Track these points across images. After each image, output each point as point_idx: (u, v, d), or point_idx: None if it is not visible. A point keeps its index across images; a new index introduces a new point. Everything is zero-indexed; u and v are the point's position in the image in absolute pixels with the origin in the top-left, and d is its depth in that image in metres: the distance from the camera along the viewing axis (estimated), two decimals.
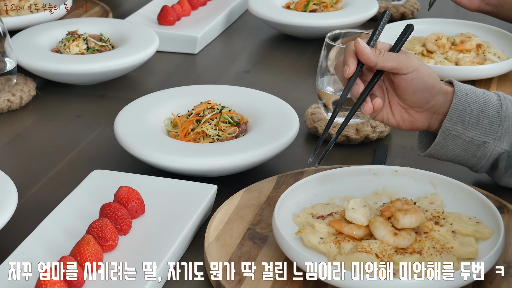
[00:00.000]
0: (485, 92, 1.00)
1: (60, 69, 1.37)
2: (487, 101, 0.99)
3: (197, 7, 1.76)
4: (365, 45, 0.95)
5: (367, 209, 0.91)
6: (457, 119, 0.98)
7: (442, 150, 1.01)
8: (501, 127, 0.98)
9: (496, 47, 1.50)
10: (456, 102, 0.98)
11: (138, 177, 1.04)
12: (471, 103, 0.98)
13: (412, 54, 0.98)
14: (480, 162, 1.01)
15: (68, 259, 0.83)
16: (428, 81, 0.97)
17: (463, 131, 0.99)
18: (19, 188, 0.99)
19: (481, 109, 0.98)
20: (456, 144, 1.00)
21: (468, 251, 0.87)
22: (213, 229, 0.94)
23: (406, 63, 0.95)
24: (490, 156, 1.00)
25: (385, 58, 0.95)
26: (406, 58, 0.96)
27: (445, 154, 1.01)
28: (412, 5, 1.83)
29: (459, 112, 0.98)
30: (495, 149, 0.99)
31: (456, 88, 0.99)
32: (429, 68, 0.98)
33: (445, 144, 1.00)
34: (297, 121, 1.15)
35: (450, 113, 0.98)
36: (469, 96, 0.99)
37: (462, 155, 1.01)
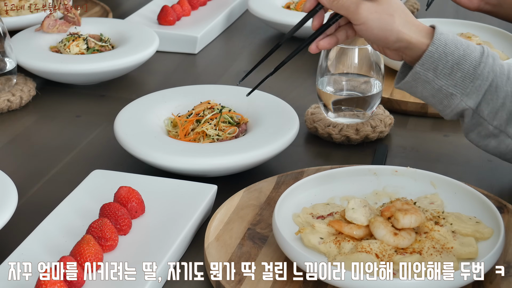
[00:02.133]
0: (469, 45, 1.00)
1: (60, 69, 1.37)
2: (467, 55, 0.98)
3: (197, 7, 1.76)
4: None
5: (367, 209, 0.91)
6: (429, 65, 0.98)
7: (412, 89, 1.02)
8: (472, 84, 0.98)
9: (496, 47, 1.50)
10: (432, 49, 0.98)
11: (138, 177, 1.04)
12: (448, 54, 0.98)
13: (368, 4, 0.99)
14: (445, 111, 1.01)
15: (68, 259, 0.83)
16: (378, 34, 0.99)
17: (434, 78, 0.99)
18: (19, 188, 0.99)
19: (458, 61, 0.98)
20: (425, 87, 1.00)
21: (468, 251, 0.87)
22: (213, 229, 0.94)
23: (354, 15, 0.99)
24: (455, 109, 1.00)
25: (338, 5, 0.99)
26: (356, 9, 0.98)
27: (414, 93, 1.02)
28: (412, 5, 1.83)
29: (433, 59, 0.98)
30: (460, 103, 0.99)
31: (435, 36, 0.98)
32: (384, 19, 0.98)
33: (414, 85, 1.01)
34: (297, 121, 1.15)
35: (423, 59, 0.98)
36: (448, 46, 0.98)
37: (429, 98, 1.01)
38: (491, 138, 1.00)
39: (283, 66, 1.07)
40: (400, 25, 0.98)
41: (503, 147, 1.00)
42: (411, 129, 1.27)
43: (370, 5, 0.98)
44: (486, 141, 1.01)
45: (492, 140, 1.00)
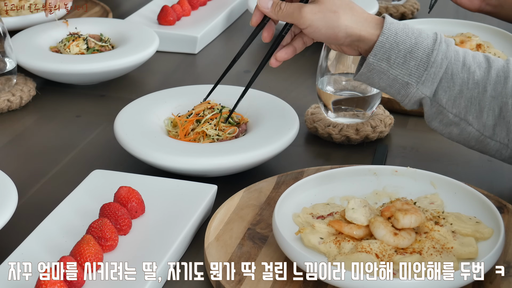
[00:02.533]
0: (421, 33, 1.00)
1: (60, 69, 1.37)
2: (419, 43, 0.98)
3: (197, 7, 1.76)
4: (267, 1, 1.03)
5: (367, 209, 0.91)
6: (382, 56, 0.98)
7: (369, 81, 1.02)
8: (426, 72, 0.98)
9: (496, 47, 1.50)
10: (382, 39, 0.98)
11: (138, 177, 1.04)
12: (400, 43, 0.98)
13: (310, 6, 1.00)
14: (404, 100, 1.01)
15: (68, 259, 0.83)
16: (327, 33, 1.00)
17: (388, 68, 0.99)
18: (19, 188, 0.99)
19: (410, 50, 0.98)
20: (381, 78, 1.00)
21: (468, 251, 0.87)
22: (213, 229, 0.94)
23: (299, 20, 1.00)
24: (412, 98, 1.00)
25: (282, 14, 1.02)
26: (299, 13, 1.00)
27: (372, 84, 1.02)
28: (412, 5, 1.83)
29: (385, 49, 0.98)
30: (416, 92, 0.99)
31: (385, 26, 0.98)
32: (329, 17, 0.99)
33: (370, 76, 1.01)
34: (297, 121, 1.15)
35: (375, 49, 0.98)
36: (399, 35, 0.98)
37: (387, 89, 1.01)
38: (453, 126, 1.00)
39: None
40: (346, 20, 0.99)
41: (465, 135, 1.00)
42: (411, 129, 1.27)
43: (313, 6, 0.99)
44: (449, 129, 1.01)
45: (454, 128, 1.00)
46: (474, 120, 0.98)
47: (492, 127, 0.98)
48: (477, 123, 0.98)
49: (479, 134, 0.99)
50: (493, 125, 0.98)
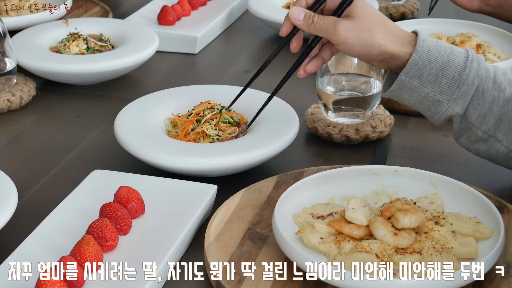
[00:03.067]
0: (453, 50, 0.99)
1: (60, 69, 1.37)
2: (451, 61, 0.98)
3: (197, 7, 1.76)
4: (298, 13, 1.01)
5: (367, 209, 0.91)
6: (414, 73, 0.98)
7: (398, 97, 1.02)
8: (458, 89, 0.97)
9: (496, 47, 1.50)
10: (415, 57, 0.98)
11: (138, 177, 1.04)
12: (432, 61, 0.98)
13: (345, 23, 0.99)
14: (434, 117, 1.01)
15: (68, 259, 0.82)
16: (360, 50, 1.00)
17: (419, 86, 0.99)
18: (19, 188, 0.99)
19: (442, 68, 0.98)
20: (411, 95, 1.00)
21: (468, 251, 0.87)
22: (213, 229, 0.94)
23: (333, 36, 1.00)
24: (443, 115, 1.00)
25: (315, 28, 1.00)
26: (333, 30, 0.99)
27: (402, 100, 1.02)
28: (412, 5, 1.83)
29: (417, 67, 0.98)
30: (448, 110, 0.99)
31: (418, 43, 0.98)
32: (364, 35, 0.98)
33: (400, 93, 1.01)
34: (297, 121, 1.15)
35: (407, 67, 0.98)
36: (431, 53, 0.98)
37: (417, 105, 1.02)
38: (481, 142, 1.00)
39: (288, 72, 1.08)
40: (380, 39, 0.99)
41: (493, 151, 1.01)
42: (411, 129, 1.27)
43: (348, 23, 0.99)
44: (477, 146, 1.01)
45: (482, 144, 1.00)
46: (503, 137, 0.98)
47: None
48: (506, 140, 0.99)
49: (507, 151, 0.99)
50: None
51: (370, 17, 0.99)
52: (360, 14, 0.99)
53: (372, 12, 1.00)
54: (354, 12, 0.99)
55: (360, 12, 0.99)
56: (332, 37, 1.00)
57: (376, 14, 1.00)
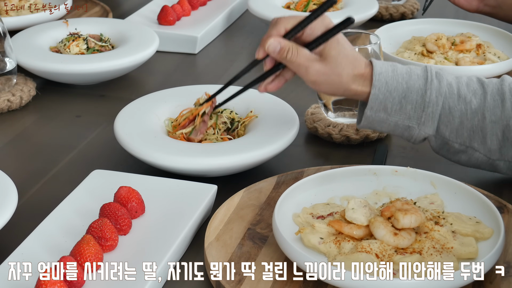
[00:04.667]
0: (410, 74, 1.00)
1: (60, 69, 1.37)
2: (410, 87, 0.99)
3: (197, 7, 1.76)
4: (275, 46, 1.01)
5: (367, 209, 0.91)
6: (378, 107, 1.00)
7: (372, 128, 1.04)
8: (424, 112, 0.99)
9: (496, 47, 1.50)
10: (374, 92, 0.99)
11: (138, 177, 1.04)
12: (392, 91, 0.99)
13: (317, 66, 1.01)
14: (410, 140, 1.03)
15: (68, 259, 0.82)
16: (327, 90, 1.03)
17: (387, 117, 1.01)
18: (19, 188, 0.99)
19: (404, 95, 0.99)
20: (382, 126, 1.02)
21: (468, 251, 0.87)
22: (213, 229, 0.94)
23: (303, 76, 1.02)
24: (417, 138, 1.02)
25: (288, 63, 1.01)
26: (305, 71, 1.01)
27: (376, 130, 1.05)
28: (412, 5, 1.83)
29: (379, 101, 1.00)
30: (420, 133, 1.01)
31: (374, 78, 1.00)
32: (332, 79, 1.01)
33: (371, 126, 1.03)
34: (297, 121, 1.15)
35: (370, 103, 1.00)
36: (389, 84, 0.99)
37: (392, 133, 1.04)
38: (461, 153, 1.02)
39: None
40: (347, 82, 1.01)
41: (474, 160, 1.03)
42: None
43: (319, 66, 1.00)
44: (457, 157, 1.03)
45: (462, 155, 1.03)
46: (479, 146, 1.00)
47: (498, 150, 1.00)
48: (483, 149, 1.00)
49: (487, 159, 1.01)
50: (498, 148, 1.00)
51: (341, 60, 1.00)
52: (333, 57, 1.00)
53: (345, 53, 1.01)
54: (328, 54, 1.00)
55: (334, 54, 1.00)
56: (303, 77, 1.02)
57: (348, 54, 1.01)
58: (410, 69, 1.02)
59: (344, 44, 1.01)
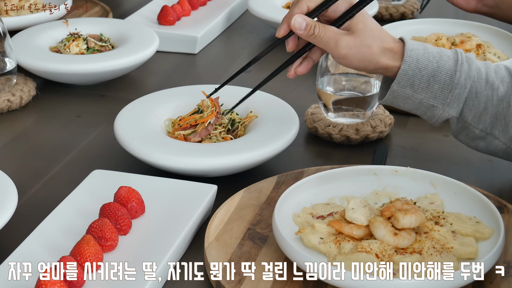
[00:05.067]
0: (441, 54, 1.00)
1: (60, 69, 1.37)
2: (441, 66, 0.99)
3: (197, 7, 1.76)
4: (300, 22, 1.00)
5: (367, 209, 0.91)
6: (406, 83, 1.00)
7: (394, 104, 1.03)
8: (451, 94, 0.99)
9: (496, 47, 1.50)
10: (404, 67, 0.99)
11: (138, 177, 1.04)
12: (422, 69, 0.99)
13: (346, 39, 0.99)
14: (431, 120, 1.03)
15: (68, 259, 0.82)
16: (358, 65, 1.01)
17: (412, 94, 1.00)
18: (19, 188, 0.99)
19: (433, 74, 0.99)
20: (406, 102, 1.02)
21: (468, 251, 0.87)
22: (213, 229, 0.94)
23: (334, 51, 1.00)
24: (439, 118, 1.01)
25: (316, 40, 1.00)
26: (335, 46, 0.99)
27: (398, 107, 1.04)
28: (412, 5, 1.83)
29: (407, 77, 0.99)
30: (443, 113, 1.00)
31: (406, 54, 0.99)
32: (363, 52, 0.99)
33: (394, 101, 1.02)
34: (297, 121, 1.15)
35: (398, 77, 1.00)
36: (420, 61, 0.99)
37: (413, 111, 1.03)
38: (479, 140, 1.01)
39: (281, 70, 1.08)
40: (378, 55, 1.00)
41: (492, 148, 1.02)
42: (411, 129, 1.27)
43: (349, 39, 1.00)
44: (475, 143, 1.02)
45: (481, 141, 1.02)
46: (500, 134, 1.00)
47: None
48: (504, 137, 1.00)
49: (505, 147, 1.01)
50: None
51: (370, 33, 1.00)
52: (361, 30, 1.00)
53: (372, 27, 1.01)
54: (355, 27, 1.00)
55: (361, 27, 1.00)
56: (333, 52, 1.00)
57: (375, 28, 1.01)
58: (441, 50, 1.01)
59: (369, 18, 1.01)
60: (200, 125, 1.13)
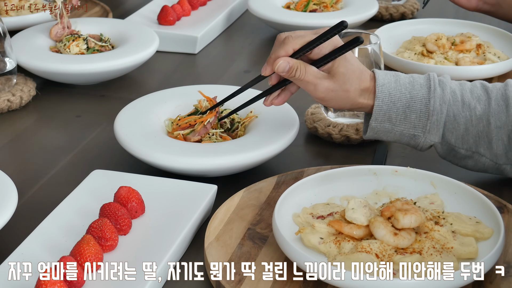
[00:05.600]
0: (413, 84, 1.02)
1: (60, 69, 1.37)
2: (414, 96, 1.01)
3: (197, 7, 1.76)
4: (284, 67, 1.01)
5: (367, 209, 0.91)
6: (382, 118, 1.02)
7: (378, 138, 1.06)
8: (429, 121, 1.00)
9: (496, 47, 1.50)
10: (378, 103, 1.01)
11: (138, 177, 1.04)
12: (396, 102, 1.01)
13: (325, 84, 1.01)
14: (417, 148, 1.05)
15: (68, 259, 0.82)
16: (335, 106, 1.05)
17: (392, 127, 1.02)
18: (19, 188, 0.99)
19: (408, 105, 1.01)
20: (388, 136, 1.04)
21: (468, 251, 0.87)
22: (213, 229, 0.94)
23: (312, 93, 1.03)
24: (423, 145, 1.03)
25: (297, 81, 1.02)
26: (314, 89, 1.02)
27: (383, 140, 1.07)
28: (412, 5, 1.83)
29: (383, 112, 1.02)
30: (425, 141, 1.02)
31: (377, 89, 1.01)
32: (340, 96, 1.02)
33: (377, 136, 1.05)
34: (297, 121, 1.15)
35: (374, 114, 1.02)
36: (393, 95, 1.01)
37: (398, 142, 1.05)
38: (467, 159, 1.04)
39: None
40: (355, 97, 1.02)
41: (480, 165, 1.04)
42: None
43: (328, 83, 1.01)
44: (464, 162, 1.05)
45: (469, 160, 1.04)
46: (485, 151, 1.02)
47: (504, 154, 1.01)
48: (489, 154, 1.02)
49: (493, 163, 1.03)
50: (505, 153, 1.01)
51: (349, 76, 1.01)
52: (341, 74, 1.01)
53: (352, 69, 1.02)
54: (336, 71, 1.01)
55: (342, 71, 1.01)
56: (311, 93, 1.03)
57: (355, 70, 1.02)
58: (413, 78, 1.03)
59: (351, 60, 1.02)
60: (199, 124, 1.13)
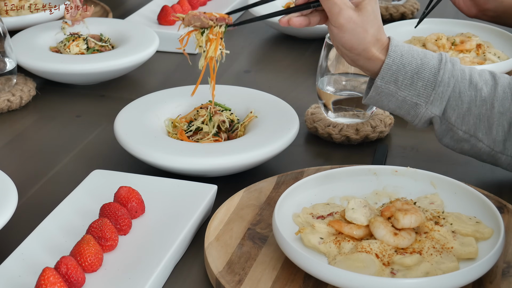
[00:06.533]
0: (426, 54, 1.01)
1: (60, 69, 1.37)
2: (425, 63, 1.00)
3: (197, 7, 1.76)
4: None
5: (367, 209, 0.91)
6: (389, 78, 1.00)
7: (378, 103, 1.04)
8: (434, 91, 0.99)
9: (496, 47, 1.50)
10: (388, 62, 1.00)
11: (138, 177, 1.04)
12: (406, 65, 1.00)
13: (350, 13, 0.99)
14: (414, 120, 1.03)
15: (68, 259, 0.83)
16: (347, 41, 1.01)
17: (396, 90, 1.01)
18: (19, 188, 0.99)
19: (417, 71, 1.00)
20: (390, 100, 1.02)
21: (468, 251, 0.87)
22: (213, 229, 0.94)
23: (333, 16, 1.00)
24: (422, 118, 1.02)
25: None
26: (337, 13, 0.99)
27: (382, 107, 1.04)
28: (412, 5, 1.83)
29: (391, 72, 1.00)
30: (426, 112, 1.01)
31: (390, 49, 1.00)
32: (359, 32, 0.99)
33: (378, 99, 1.03)
34: (297, 121, 1.15)
35: (382, 72, 1.00)
36: (404, 57, 1.00)
37: (397, 110, 1.03)
38: (464, 142, 1.03)
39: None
40: (369, 42, 1.00)
41: (476, 150, 1.03)
42: (411, 129, 1.27)
43: (352, 14, 1.00)
44: (460, 145, 1.03)
45: (465, 144, 1.03)
46: (484, 136, 1.00)
47: (502, 142, 1.00)
48: (487, 139, 1.01)
49: (489, 150, 1.01)
50: (503, 140, 1.00)
51: (372, 18, 1.00)
52: (367, 11, 1.00)
53: (376, 15, 1.01)
54: (364, 6, 1.00)
55: (369, 9, 1.00)
56: (332, 18, 1.00)
57: (378, 17, 1.01)
58: (425, 50, 1.02)
59: (377, 7, 1.01)
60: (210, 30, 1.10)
